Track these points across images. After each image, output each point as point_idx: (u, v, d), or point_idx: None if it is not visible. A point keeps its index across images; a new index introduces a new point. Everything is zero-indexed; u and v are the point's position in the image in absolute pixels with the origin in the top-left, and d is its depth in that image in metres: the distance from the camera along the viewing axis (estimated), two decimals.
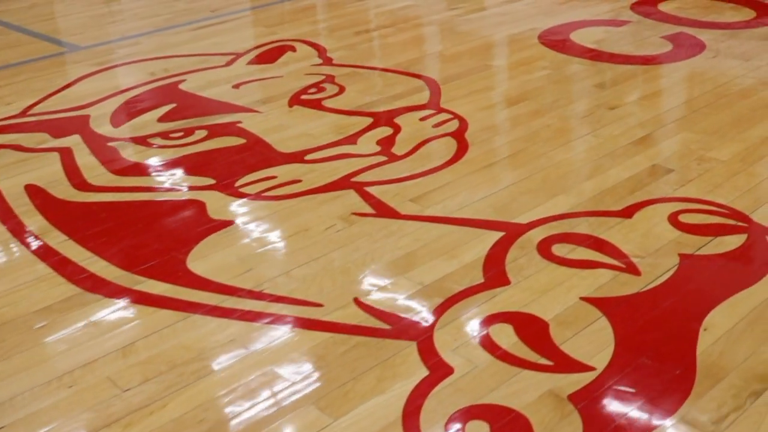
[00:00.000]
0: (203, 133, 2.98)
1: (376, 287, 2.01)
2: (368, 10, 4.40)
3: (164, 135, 2.98)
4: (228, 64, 3.70)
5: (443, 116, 2.99)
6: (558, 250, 2.12)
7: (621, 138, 2.74)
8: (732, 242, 2.12)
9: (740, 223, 2.22)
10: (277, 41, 3.93)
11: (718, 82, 3.20)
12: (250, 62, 3.71)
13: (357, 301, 1.98)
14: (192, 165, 2.72)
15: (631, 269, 2.03)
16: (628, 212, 2.29)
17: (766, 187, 2.37)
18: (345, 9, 4.44)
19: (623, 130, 2.80)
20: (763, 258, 2.06)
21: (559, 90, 3.18)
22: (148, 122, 3.07)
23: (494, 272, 2.04)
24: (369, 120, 3.00)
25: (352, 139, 2.83)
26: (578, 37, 3.81)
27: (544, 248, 2.14)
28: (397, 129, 2.91)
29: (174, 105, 3.26)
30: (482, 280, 2.02)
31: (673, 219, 2.24)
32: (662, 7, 4.24)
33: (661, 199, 2.35)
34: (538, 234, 2.20)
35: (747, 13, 4.10)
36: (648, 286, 1.96)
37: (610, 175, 2.48)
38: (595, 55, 3.53)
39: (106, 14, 4.65)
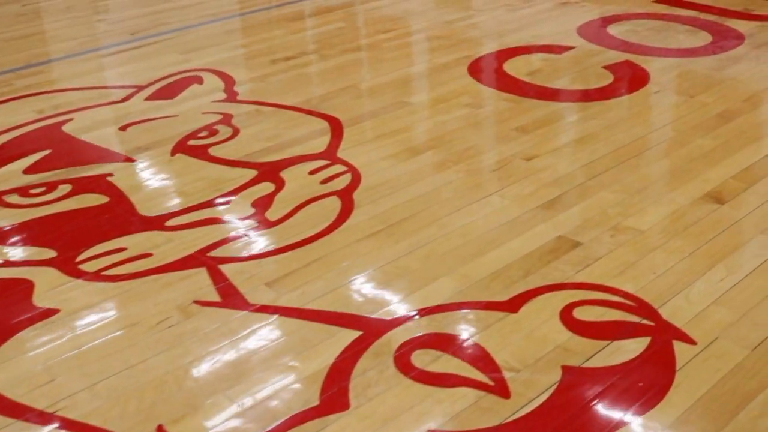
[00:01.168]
0: (67, 188, 2.60)
1: (189, 409, 1.64)
2: (296, 32, 3.99)
3: (23, 191, 2.59)
4: (125, 99, 3.31)
5: (336, 168, 2.60)
6: (419, 358, 1.74)
7: (530, 199, 2.35)
8: (631, 349, 1.73)
9: (645, 321, 1.83)
10: (185, 71, 3.54)
11: (656, 124, 2.79)
12: (149, 97, 3.33)
13: (160, 431, 1.62)
14: (37, 231, 2.33)
15: (500, 389, 1.64)
16: (514, 304, 1.91)
17: (685, 269, 1.98)
18: (271, 32, 4.03)
19: (535, 188, 2.42)
20: (663, 374, 1.66)
21: (475, 134, 2.77)
22: (12, 174, 2.69)
23: (334, 391, 1.66)
24: (253, 173, 2.62)
25: (225, 199, 2.48)
26: (512, 66, 3.41)
27: (403, 356, 1.75)
28: (280, 185, 2.53)
29: (48, 152, 2.87)
30: (317, 403, 1.66)
31: (566, 315, 1.85)
32: (612, 29, 3.86)
33: (557, 285, 1.96)
34: (400, 335, 1.81)
35: (702, 37, 3.71)
36: (514, 416, 1.58)
37: (506, 251, 2.09)
38: (525, 90, 3.13)
39: (19, 37, 4.30)
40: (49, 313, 1.98)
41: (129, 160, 2.76)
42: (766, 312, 1.83)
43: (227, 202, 2.43)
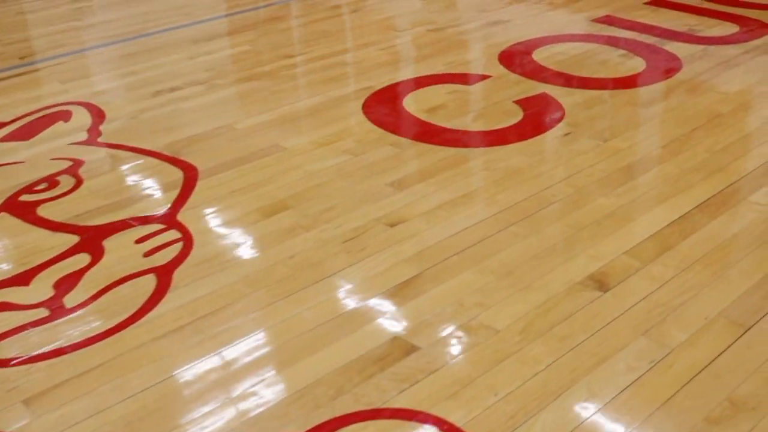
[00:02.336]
0: None
1: None
2: (196, 57, 3.54)
3: None
4: None
5: (170, 235, 2.19)
6: None
7: (376, 282, 1.92)
8: None
9: None
10: (56, 105, 3.15)
11: (555, 177, 2.35)
12: (5, 138, 2.90)
13: None
14: None
15: None
16: None
17: (535, 390, 1.55)
18: (169, 56, 3.58)
19: (388, 265, 1.98)
20: None
21: (342, 190, 2.34)
22: None
23: None
24: (74, 239, 2.24)
25: (26, 277, 2.09)
26: (414, 101, 2.99)
27: None
28: (97, 257, 2.13)
29: None
30: None
31: None
32: (538, 54, 3.44)
33: (370, 412, 1.54)
34: None
35: (636, 64, 3.28)
36: None
37: (322, 359, 1.66)
38: (417, 131, 2.69)
39: None
40: None
41: None
42: None
43: (25, 281, 2.05)
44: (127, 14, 4.32)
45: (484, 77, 3.15)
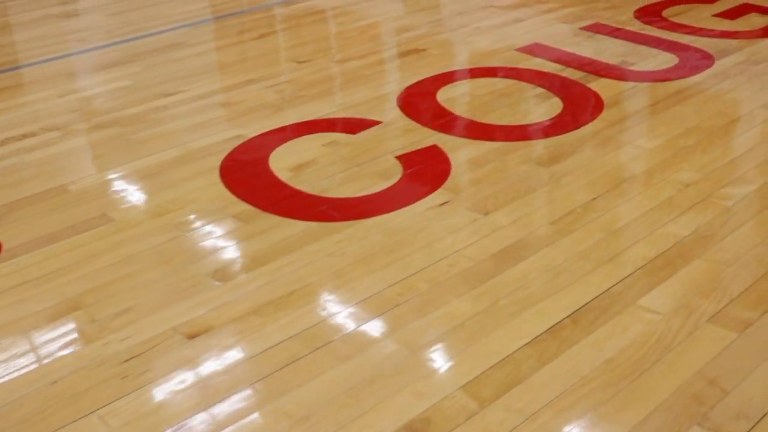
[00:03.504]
0: None
1: None
2: (68, 94, 3.07)
3: None
4: None
5: None
6: None
7: (145, 425, 1.51)
8: None
9: None
10: None
11: (407, 269, 1.88)
12: None
13: None
14: None
15: None
16: None
17: None
18: (42, 92, 3.10)
19: (166, 399, 1.52)
20: None
21: (152, 283, 1.88)
22: None
23: None
24: None
25: None
26: (283, 155, 2.51)
27: None
28: None
29: None
30: None
31: None
32: (444, 93, 2.95)
33: None
34: None
35: (551, 107, 2.81)
36: None
37: None
38: (272, 199, 2.23)
39: None
40: None
41: None
42: None
43: None
44: (8, 41, 3.90)
45: (373, 123, 2.70)
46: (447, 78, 3.05)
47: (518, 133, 2.55)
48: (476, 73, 3.10)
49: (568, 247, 1.96)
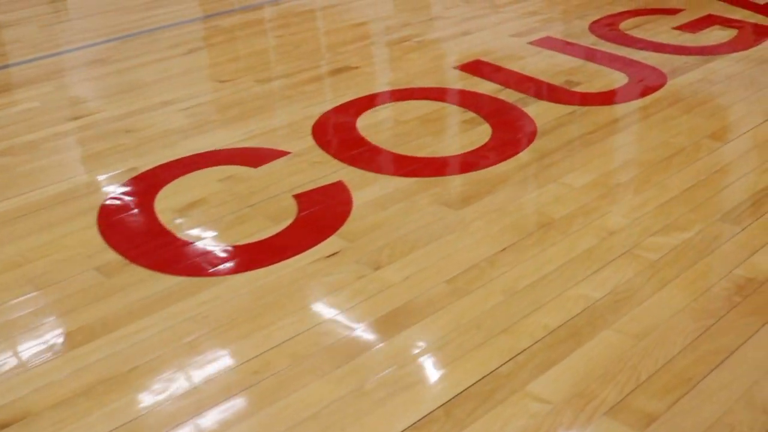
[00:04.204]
0: None
1: None
2: None
3: None
4: None
5: None
6: None
7: None
8: None
9: None
10: None
11: (269, 341, 1.59)
12: None
13: None
14: None
15: None
16: None
17: None
18: None
19: None
20: None
21: None
22: None
23: None
24: None
25: None
26: (172, 193, 2.20)
27: None
28: None
29: None
30: None
31: None
32: (366, 119, 2.64)
33: None
34: None
35: (479, 135, 2.49)
36: None
37: None
38: (148, 247, 1.94)
39: None
40: None
41: None
42: None
43: None
44: None
45: (280, 155, 2.42)
46: (372, 101, 2.76)
47: (434, 167, 2.26)
48: (406, 94, 2.81)
49: (461, 312, 1.67)
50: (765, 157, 2.24)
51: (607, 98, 2.70)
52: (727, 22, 3.42)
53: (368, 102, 2.75)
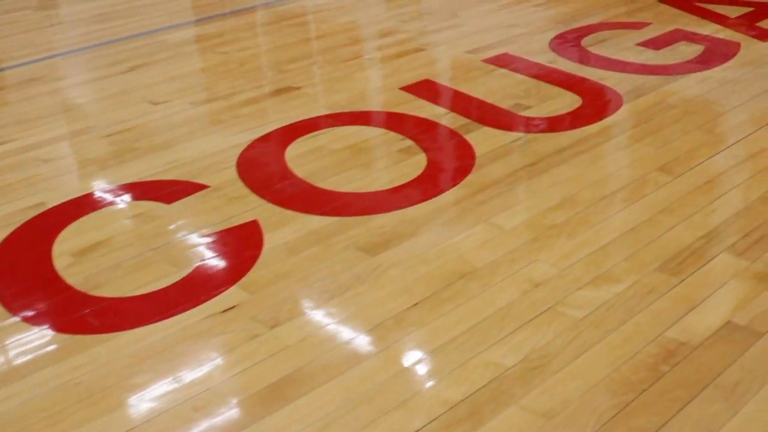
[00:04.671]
0: None
1: None
2: None
3: None
4: None
5: None
6: None
7: None
8: None
9: None
10: None
11: (141, 418, 1.43)
12: None
13: None
14: None
15: None
16: None
17: None
18: None
19: None
20: None
21: None
22: None
23: None
24: None
25: None
26: (75, 233, 2.02)
27: None
28: None
29: None
30: None
31: None
32: (299, 147, 2.45)
33: None
34: None
35: (407, 169, 2.33)
36: None
37: None
38: (26, 301, 1.76)
39: None
40: None
41: None
42: None
43: None
44: None
45: (198, 189, 2.23)
46: (307, 126, 2.57)
47: (357, 206, 2.06)
48: (343, 119, 2.62)
49: (355, 382, 1.49)
50: (714, 195, 2.07)
51: (555, 124, 2.51)
52: (693, 37, 3.24)
53: (302, 128, 2.56)
